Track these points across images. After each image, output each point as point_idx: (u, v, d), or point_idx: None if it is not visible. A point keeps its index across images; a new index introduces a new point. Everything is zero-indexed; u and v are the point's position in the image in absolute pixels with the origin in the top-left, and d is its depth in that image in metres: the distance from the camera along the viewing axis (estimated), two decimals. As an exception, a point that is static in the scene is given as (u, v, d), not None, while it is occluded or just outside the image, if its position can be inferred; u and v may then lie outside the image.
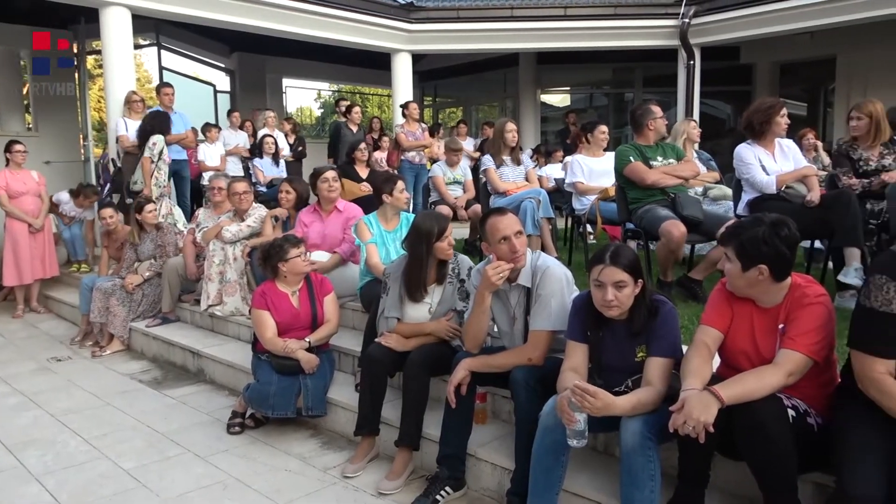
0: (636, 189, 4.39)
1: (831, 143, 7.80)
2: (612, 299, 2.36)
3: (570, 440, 2.29)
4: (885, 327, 1.94)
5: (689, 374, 2.16)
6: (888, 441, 1.87)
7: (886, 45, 9.59)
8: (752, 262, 2.15)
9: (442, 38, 10.22)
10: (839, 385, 2.21)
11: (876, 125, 4.26)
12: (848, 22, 8.86)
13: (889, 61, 9.74)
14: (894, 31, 9.20)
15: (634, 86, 13.36)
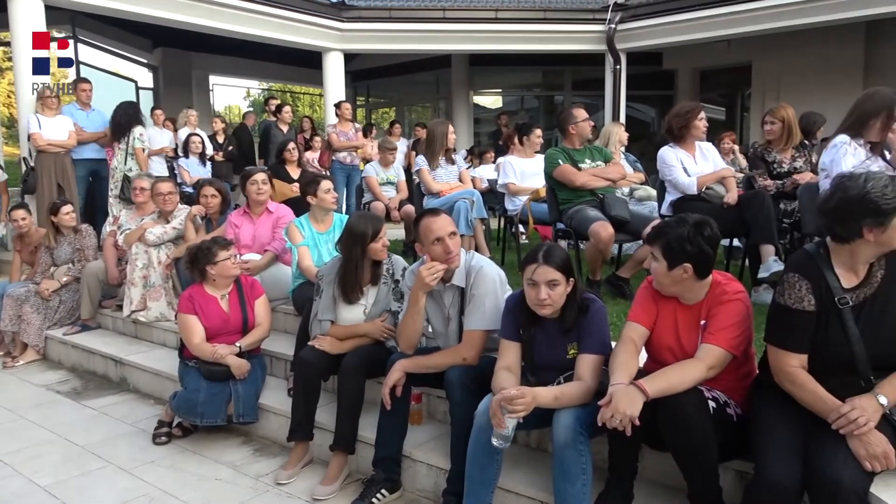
0: (566, 190, 4.50)
1: (748, 146, 8.20)
2: (545, 298, 2.41)
3: (494, 439, 2.32)
4: (797, 323, 2.05)
5: (617, 369, 2.22)
6: (801, 429, 1.98)
7: (797, 52, 10.18)
8: (678, 260, 2.23)
9: (374, 38, 10.17)
10: (756, 377, 2.33)
11: (788, 129, 4.51)
12: (762, 31, 9.37)
13: (800, 68, 10.33)
14: (805, 39, 9.78)
15: (564, 89, 13.67)
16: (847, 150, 3.34)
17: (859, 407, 1.87)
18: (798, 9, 8.69)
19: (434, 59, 12.77)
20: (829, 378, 1.99)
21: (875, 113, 3.35)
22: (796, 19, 8.83)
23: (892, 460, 1.82)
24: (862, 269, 2.03)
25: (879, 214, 1.93)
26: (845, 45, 10.06)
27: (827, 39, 9.77)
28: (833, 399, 1.94)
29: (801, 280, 2.05)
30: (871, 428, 1.83)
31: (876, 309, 2.00)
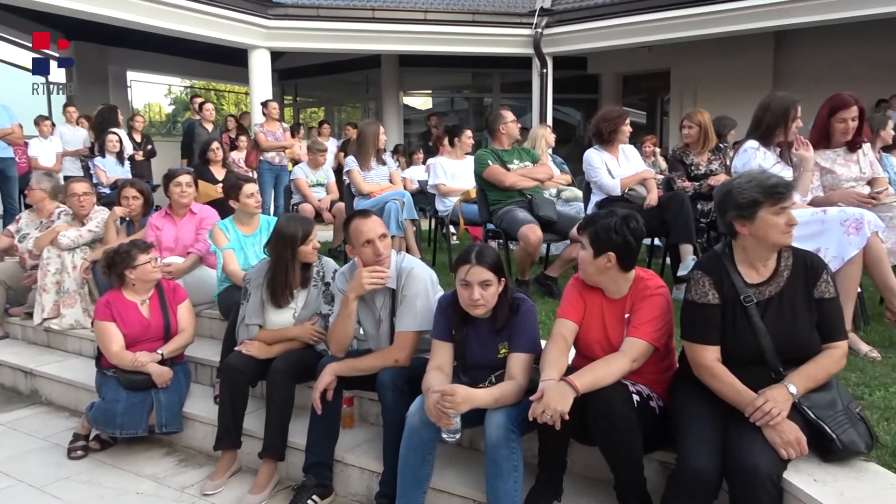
0: (495, 191, 4.56)
1: (667, 149, 8.54)
2: (478, 298, 2.43)
3: (444, 435, 2.33)
4: (704, 317, 2.17)
5: (548, 365, 2.27)
6: (719, 419, 2.08)
7: (713, 60, 10.67)
8: (603, 249, 2.32)
9: (301, 36, 10.00)
10: (676, 371, 2.43)
11: (705, 133, 4.73)
12: (680, 39, 9.78)
13: (715, 74, 10.83)
14: (719, 48, 10.26)
15: (493, 91, 13.84)
16: (756, 155, 3.52)
17: (771, 399, 1.97)
18: (712, 18, 9.12)
19: (363, 58, 12.68)
20: (741, 370, 2.10)
21: (775, 121, 3.53)
22: (710, 28, 9.27)
23: (804, 446, 1.93)
24: (763, 267, 2.17)
25: (739, 207, 2.10)
26: (756, 54, 10.63)
27: (739, 48, 10.29)
28: (748, 391, 2.04)
29: (704, 277, 2.19)
30: (783, 418, 1.94)
31: (782, 305, 2.12)
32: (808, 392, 2.03)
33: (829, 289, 2.11)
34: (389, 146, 10.17)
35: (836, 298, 2.13)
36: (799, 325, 2.10)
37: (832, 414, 2.01)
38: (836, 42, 9.79)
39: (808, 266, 2.15)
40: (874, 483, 1.92)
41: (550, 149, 6.20)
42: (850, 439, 1.98)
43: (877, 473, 1.97)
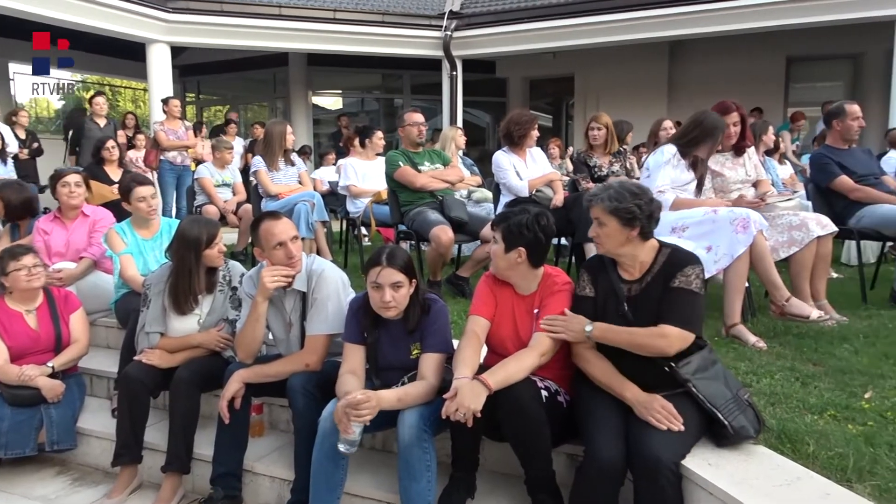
0: (407, 192, 4.57)
1: (573, 151, 8.84)
2: (390, 300, 2.42)
3: (341, 445, 2.31)
4: (581, 308, 2.36)
5: (461, 363, 2.30)
6: (622, 411, 2.18)
7: (614, 67, 11.16)
8: (514, 244, 2.39)
9: (204, 32, 9.63)
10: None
11: (610, 135, 4.94)
12: (583, 46, 10.16)
13: (616, 81, 11.32)
14: (620, 56, 10.75)
15: (403, 92, 13.85)
16: (670, 161, 3.69)
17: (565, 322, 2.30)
18: (612, 27, 9.55)
19: (271, 56, 12.35)
20: (623, 357, 2.25)
21: (701, 138, 3.72)
22: (610, 36, 9.70)
23: (671, 411, 2.07)
24: (633, 267, 2.33)
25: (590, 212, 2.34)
26: (653, 63, 11.22)
27: (638, 57, 10.83)
28: (617, 375, 2.24)
29: (585, 273, 2.43)
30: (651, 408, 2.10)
31: (647, 300, 2.28)
32: (701, 381, 2.16)
33: (681, 280, 2.22)
34: (298, 146, 9.98)
35: (687, 291, 2.21)
36: (658, 321, 2.23)
37: (724, 402, 2.14)
38: (722, 53, 10.50)
39: (675, 264, 2.28)
40: (761, 464, 2.06)
41: (461, 151, 6.27)
42: (741, 425, 2.12)
43: (764, 455, 2.12)
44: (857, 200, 4.17)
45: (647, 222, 2.27)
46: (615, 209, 2.26)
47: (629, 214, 2.25)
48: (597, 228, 2.34)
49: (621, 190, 2.29)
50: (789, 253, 3.58)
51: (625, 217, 2.25)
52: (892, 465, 1.99)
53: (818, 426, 2.25)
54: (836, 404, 2.44)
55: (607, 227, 2.30)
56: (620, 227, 2.27)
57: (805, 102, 10.49)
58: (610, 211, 2.27)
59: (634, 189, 2.30)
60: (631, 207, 2.25)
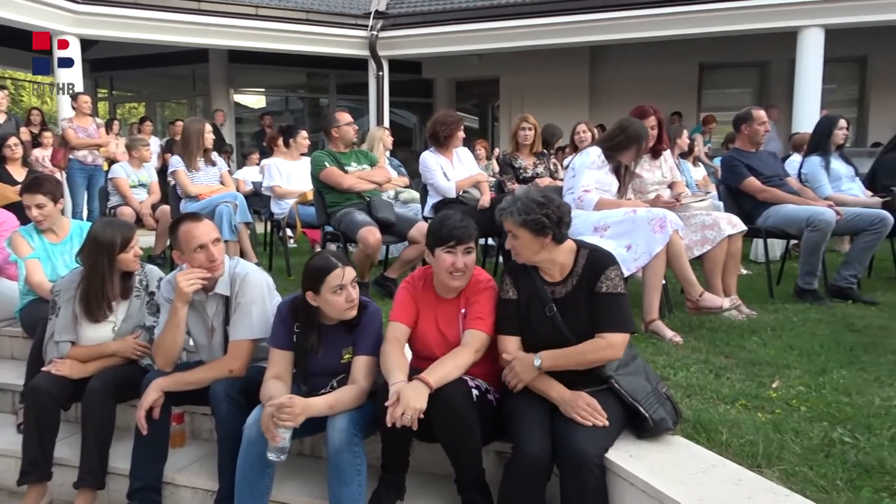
0: (333, 193, 4.51)
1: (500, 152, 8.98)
2: (355, 297, 2.43)
3: (271, 454, 2.26)
4: (507, 310, 2.40)
5: (394, 368, 2.29)
6: (547, 406, 2.24)
7: (538, 71, 11.40)
8: (541, 231, 2.31)
9: (116, 24, 9.18)
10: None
11: (537, 136, 5.05)
12: (507, 49, 10.34)
13: (539, 85, 11.56)
14: (543, 60, 10.99)
15: (329, 92, 13.67)
16: (595, 162, 3.79)
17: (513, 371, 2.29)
18: (535, 31, 9.77)
19: (189, 52, 11.91)
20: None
21: (625, 144, 3.84)
22: (534, 40, 9.92)
23: (596, 407, 2.14)
24: (554, 270, 2.38)
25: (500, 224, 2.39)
26: (575, 67, 11.54)
27: (560, 61, 11.10)
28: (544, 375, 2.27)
29: (507, 276, 2.46)
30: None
31: (572, 301, 2.34)
32: (623, 376, 2.24)
33: (608, 284, 2.30)
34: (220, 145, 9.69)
35: (616, 294, 2.29)
36: (585, 320, 2.31)
37: (644, 396, 2.23)
38: (640, 59, 10.91)
39: (595, 265, 2.35)
40: (678, 454, 2.15)
41: (388, 151, 6.25)
42: (661, 417, 2.20)
43: (681, 445, 2.21)
44: (764, 201, 4.42)
45: (557, 229, 2.31)
46: (524, 221, 2.30)
47: (539, 225, 2.29)
48: (511, 241, 2.38)
49: (528, 202, 2.31)
50: (703, 251, 3.76)
51: (535, 228, 2.29)
52: (797, 451, 2.12)
53: (731, 415, 2.37)
54: (747, 394, 2.57)
55: (521, 239, 2.34)
56: (533, 237, 2.31)
57: (717, 108, 11.04)
58: (520, 224, 2.31)
59: (540, 199, 2.32)
60: (539, 218, 2.28)
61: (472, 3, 10.27)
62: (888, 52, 10.05)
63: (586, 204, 3.68)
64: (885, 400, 2.46)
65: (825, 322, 3.64)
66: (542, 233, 2.30)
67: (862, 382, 2.69)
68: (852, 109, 10.96)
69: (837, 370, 2.83)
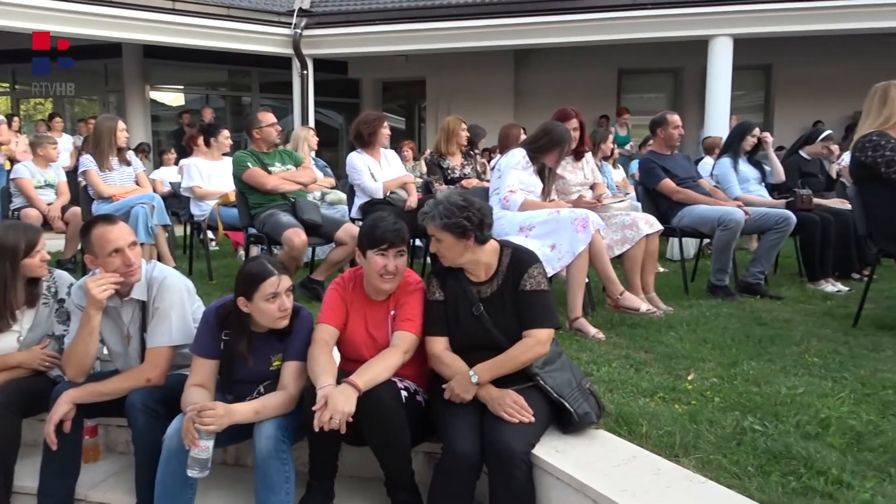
0: (257, 194, 4.41)
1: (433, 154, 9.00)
2: (289, 306, 2.37)
3: (191, 470, 2.18)
4: (434, 312, 2.42)
5: (321, 372, 2.25)
6: (475, 405, 2.25)
7: (464, 72, 11.51)
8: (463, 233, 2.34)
9: (16, 14, 8.58)
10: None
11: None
12: (433, 50, 10.38)
13: (466, 86, 11.68)
14: (469, 62, 11.11)
15: (252, 90, 13.33)
16: (520, 163, 3.86)
17: (449, 388, 2.26)
18: (460, 33, 9.86)
19: (101, 46, 11.31)
20: (484, 354, 2.32)
21: (548, 147, 3.91)
22: (459, 42, 10.02)
23: (523, 404, 2.18)
24: (480, 270, 2.42)
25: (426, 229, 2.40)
26: (500, 70, 11.72)
27: (486, 63, 11.26)
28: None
29: (434, 278, 2.47)
30: (503, 403, 2.18)
31: (499, 300, 2.39)
32: (549, 373, 2.29)
33: (531, 282, 2.37)
34: (136, 144, 9.29)
35: (540, 292, 2.36)
36: (512, 318, 2.37)
37: (569, 391, 2.29)
38: (562, 64, 11.20)
39: (518, 263, 2.42)
40: (602, 447, 2.22)
41: (313, 151, 6.16)
42: (585, 411, 2.26)
43: (604, 438, 2.29)
44: (679, 202, 4.62)
45: (479, 231, 2.34)
46: (446, 225, 2.32)
47: (461, 228, 2.31)
48: (436, 244, 2.40)
49: (449, 206, 2.34)
50: (623, 250, 3.90)
51: (457, 231, 2.32)
52: (712, 440, 2.22)
53: (650, 408, 2.47)
54: (665, 387, 2.68)
55: (444, 243, 2.36)
56: (456, 240, 2.34)
57: (635, 112, 11.46)
58: (442, 227, 2.33)
59: (460, 202, 2.35)
60: (461, 222, 2.31)
61: (398, 3, 10.26)
62: (791, 61, 10.74)
63: (512, 204, 3.74)
64: (791, 389, 2.62)
65: (736, 316, 3.84)
66: (465, 235, 2.33)
67: (769, 373, 2.85)
68: (759, 115, 11.64)
69: (747, 362, 2.99)
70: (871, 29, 8.83)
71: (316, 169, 5.59)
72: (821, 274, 4.73)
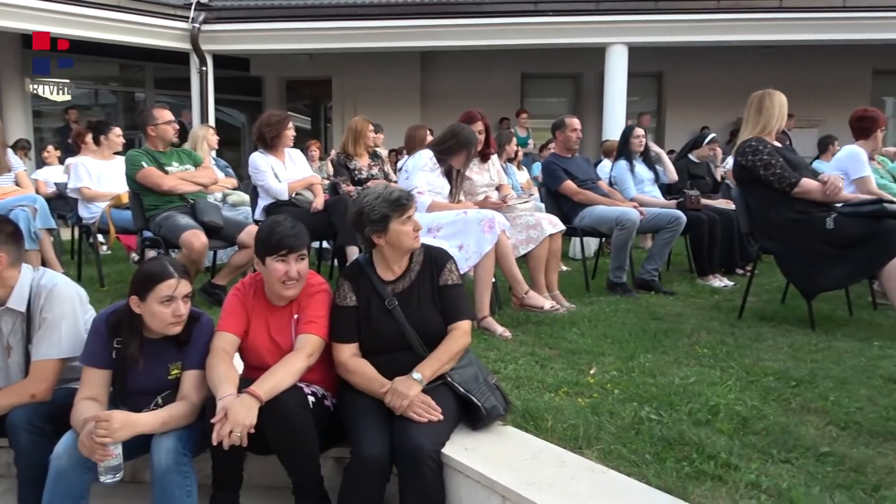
0: (152, 195, 4.21)
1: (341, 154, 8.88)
2: (183, 313, 2.25)
3: (105, 477, 2.06)
4: (345, 317, 2.39)
5: (221, 382, 2.17)
6: (384, 406, 2.24)
7: (371, 73, 11.44)
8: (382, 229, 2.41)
9: None
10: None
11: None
12: (339, 49, 10.26)
13: (373, 87, 11.60)
14: (376, 62, 11.06)
15: (146, 86, 12.66)
16: (427, 165, 3.87)
17: (393, 392, 2.21)
18: (366, 33, 9.79)
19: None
20: (392, 357, 2.34)
21: (456, 149, 3.95)
22: (365, 42, 9.95)
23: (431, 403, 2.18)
24: (397, 266, 2.45)
25: (373, 223, 2.39)
26: (406, 71, 11.74)
27: (393, 64, 11.24)
28: (381, 381, 2.27)
29: (345, 282, 2.45)
30: (410, 404, 2.17)
31: (413, 297, 2.42)
32: (456, 370, 2.33)
33: (451, 277, 2.46)
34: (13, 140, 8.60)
35: (459, 286, 2.48)
36: (428, 313, 2.41)
37: (476, 386, 2.33)
38: (468, 67, 11.37)
39: (434, 260, 2.49)
40: (509, 443, 2.27)
41: (214, 151, 5.95)
42: (492, 405, 2.31)
43: (512, 434, 2.34)
44: (580, 202, 4.81)
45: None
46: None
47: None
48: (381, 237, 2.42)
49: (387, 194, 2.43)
50: (528, 249, 4.01)
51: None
52: (612, 430, 2.33)
53: (555, 402, 2.55)
54: (569, 381, 2.78)
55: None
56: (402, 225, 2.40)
57: (537, 115, 11.79)
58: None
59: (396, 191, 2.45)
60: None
61: (302, 1, 10.05)
62: (680, 69, 11.40)
63: (419, 206, 3.75)
64: (683, 379, 2.78)
65: (633, 312, 4.03)
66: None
67: (664, 364, 3.01)
68: (652, 120, 12.27)
69: (644, 355, 3.15)
70: (753, 41, 9.55)
71: (217, 169, 5.40)
72: (709, 270, 5.05)
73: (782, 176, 3.66)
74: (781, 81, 4.75)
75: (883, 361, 3.02)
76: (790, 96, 3.93)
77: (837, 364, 2.98)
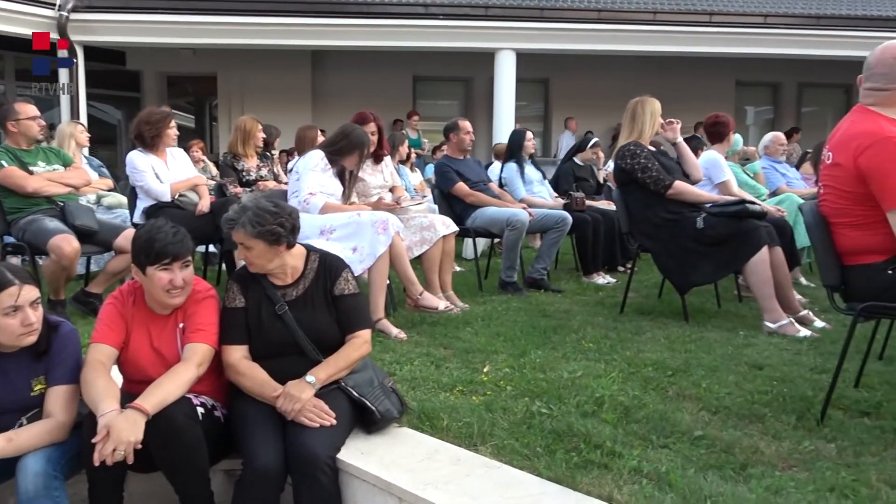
0: (15, 197, 3.87)
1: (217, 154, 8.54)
2: (35, 321, 2.05)
3: None
4: (233, 319, 2.33)
5: (101, 397, 2.03)
6: (276, 414, 2.18)
7: (258, 71, 11.07)
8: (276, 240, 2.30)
9: None
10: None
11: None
12: (223, 45, 9.87)
13: (261, 85, 11.24)
14: (264, 60, 10.72)
15: (6, 77, 11.60)
16: (318, 165, 3.80)
17: (286, 395, 2.16)
18: (252, 30, 9.49)
19: None
20: (284, 361, 2.29)
21: (348, 149, 3.89)
22: (252, 39, 9.64)
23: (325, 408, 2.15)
24: (286, 274, 2.39)
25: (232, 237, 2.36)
26: (296, 70, 11.49)
27: (282, 62, 10.96)
28: (272, 385, 2.21)
29: (234, 284, 2.40)
30: (302, 409, 2.12)
31: (306, 304, 2.38)
32: (350, 374, 2.31)
33: (348, 286, 2.42)
34: None
35: (356, 294, 2.43)
36: (321, 320, 2.37)
37: (371, 390, 2.31)
38: (360, 67, 11.29)
39: (328, 268, 2.44)
40: (405, 444, 2.28)
41: (85, 149, 5.55)
42: (386, 408, 2.30)
43: (408, 435, 2.35)
44: (472, 204, 4.90)
45: (292, 236, 2.33)
46: (259, 233, 2.26)
47: (274, 235, 2.27)
48: (244, 252, 2.32)
49: (260, 212, 2.27)
50: (422, 251, 4.04)
51: (271, 238, 2.27)
52: (505, 426, 2.39)
53: (450, 401, 2.58)
54: (463, 380, 2.83)
55: (255, 250, 2.29)
56: (268, 247, 2.29)
57: (429, 117, 11.91)
58: (255, 235, 2.26)
59: (272, 208, 2.30)
60: (274, 228, 2.26)
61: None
62: (565, 76, 11.90)
63: (312, 207, 3.69)
64: (571, 373, 2.90)
65: (524, 310, 4.16)
66: (278, 242, 2.29)
67: (553, 360, 3.13)
68: (539, 124, 12.74)
69: (535, 351, 3.25)
70: (630, 51, 10.13)
71: (90, 169, 5.06)
72: (593, 268, 5.31)
73: (657, 178, 3.91)
74: (658, 89, 5.08)
75: (748, 349, 3.29)
76: (666, 103, 4.21)
77: (708, 353, 3.22)
